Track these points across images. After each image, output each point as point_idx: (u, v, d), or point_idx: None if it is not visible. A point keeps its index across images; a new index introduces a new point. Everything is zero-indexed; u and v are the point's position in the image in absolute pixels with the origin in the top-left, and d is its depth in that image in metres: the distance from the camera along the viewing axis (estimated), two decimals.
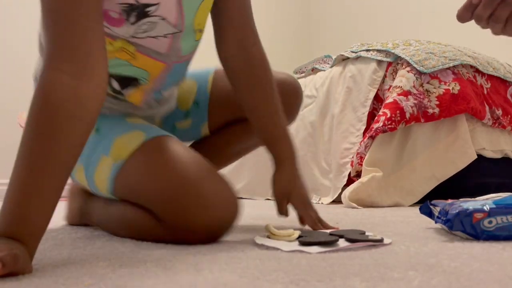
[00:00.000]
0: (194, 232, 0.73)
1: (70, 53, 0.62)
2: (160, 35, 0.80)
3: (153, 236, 0.78)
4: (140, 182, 0.78)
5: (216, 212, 0.73)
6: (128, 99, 0.88)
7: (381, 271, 0.52)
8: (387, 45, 1.91)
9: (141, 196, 0.79)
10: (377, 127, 1.68)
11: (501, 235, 0.73)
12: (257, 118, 0.90)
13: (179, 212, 0.73)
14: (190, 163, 0.76)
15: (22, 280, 0.51)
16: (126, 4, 0.75)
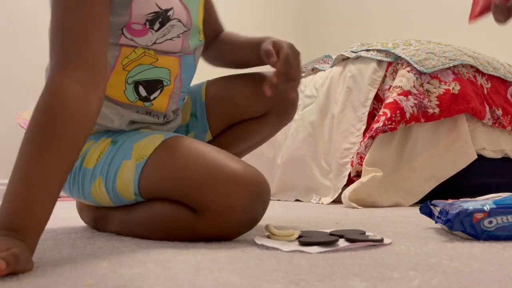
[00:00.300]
0: (234, 212, 0.73)
1: (80, 63, 0.66)
2: (175, 35, 0.86)
3: (189, 231, 0.77)
4: (168, 175, 0.78)
5: (252, 189, 0.74)
6: (155, 106, 0.90)
7: (381, 271, 0.52)
8: (387, 45, 1.91)
9: (171, 189, 0.78)
10: (377, 127, 1.68)
11: (501, 235, 0.73)
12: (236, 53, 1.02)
13: (217, 194, 0.73)
14: (215, 151, 0.79)
15: (22, 279, 0.51)
16: (152, 13, 0.81)
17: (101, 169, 0.84)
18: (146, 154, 0.81)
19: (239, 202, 0.73)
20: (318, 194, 1.94)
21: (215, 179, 0.74)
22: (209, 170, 0.75)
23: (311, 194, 1.99)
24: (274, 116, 1.05)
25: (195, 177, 0.75)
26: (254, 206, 0.74)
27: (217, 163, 0.76)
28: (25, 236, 0.57)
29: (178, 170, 0.77)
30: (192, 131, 1.04)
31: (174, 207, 0.79)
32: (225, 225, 0.74)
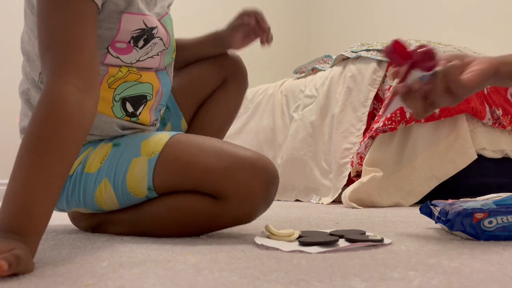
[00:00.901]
0: (255, 196, 0.78)
1: (77, 69, 0.68)
2: (155, 54, 0.91)
3: (211, 219, 0.80)
4: (182, 166, 0.81)
5: (267, 174, 0.79)
6: (140, 120, 0.93)
7: (381, 271, 0.52)
8: None
9: (187, 179, 0.81)
10: (377, 127, 1.68)
11: (501, 235, 0.73)
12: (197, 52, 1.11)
13: (238, 181, 0.78)
14: (220, 142, 0.84)
15: (22, 280, 0.51)
16: (139, 29, 0.84)
17: (106, 171, 0.85)
18: (158, 149, 0.83)
19: (258, 187, 0.78)
20: (318, 194, 1.94)
21: (233, 166, 0.78)
22: (224, 158, 0.79)
23: (311, 194, 1.99)
24: (232, 81, 1.11)
25: (212, 166, 0.79)
26: (270, 190, 0.79)
27: (229, 151, 0.80)
28: (26, 237, 0.57)
29: (192, 161, 0.81)
30: (168, 122, 1.08)
31: (193, 197, 0.81)
32: (247, 209, 0.79)
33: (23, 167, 0.61)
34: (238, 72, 1.13)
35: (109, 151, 0.86)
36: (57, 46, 0.69)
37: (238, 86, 1.13)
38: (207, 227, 0.83)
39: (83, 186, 0.86)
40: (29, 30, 0.85)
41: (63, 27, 0.70)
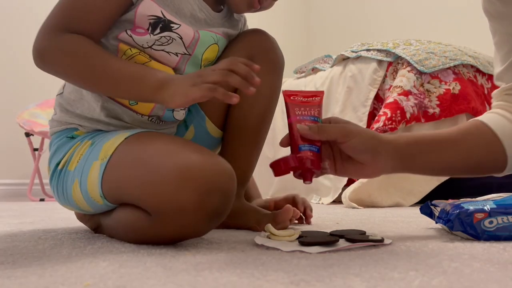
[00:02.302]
0: (184, 210, 0.67)
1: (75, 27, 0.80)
2: (173, 52, 0.87)
3: (144, 235, 0.74)
4: (123, 175, 0.75)
5: (200, 181, 0.67)
6: (139, 106, 0.89)
7: (381, 271, 0.52)
8: (388, 44, 1.91)
9: (126, 190, 0.75)
10: (377, 127, 1.68)
11: (501, 235, 0.73)
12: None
13: (162, 194, 0.68)
14: (171, 144, 0.74)
15: (22, 280, 0.51)
16: (154, 16, 0.84)
17: (77, 171, 0.83)
18: (109, 153, 0.78)
19: (188, 198, 0.66)
20: (319, 194, 1.94)
21: (158, 177, 0.68)
22: (150, 168, 0.70)
23: (311, 194, 1.99)
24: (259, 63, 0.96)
25: (141, 178, 0.71)
26: (207, 199, 0.67)
27: (161, 159, 0.70)
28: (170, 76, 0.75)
29: (130, 169, 0.74)
30: (191, 124, 1.00)
31: (131, 211, 0.75)
32: (179, 225, 0.69)
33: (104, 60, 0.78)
34: (265, 50, 0.96)
35: (86, 150, 0.84)
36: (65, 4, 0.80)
37: (268, 66, 0.96)
38: (147, 242, 0.74)
39: (65, 183, 0.86)
40: None
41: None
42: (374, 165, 0.75)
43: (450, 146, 0.80)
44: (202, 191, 0.67)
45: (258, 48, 0.95)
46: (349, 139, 0.73)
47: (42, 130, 2.49)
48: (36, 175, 2.63)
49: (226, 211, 0.71)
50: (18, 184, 2.84)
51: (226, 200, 0.70)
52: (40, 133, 2.50)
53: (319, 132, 0.73)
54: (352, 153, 0.74)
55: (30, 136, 2.61)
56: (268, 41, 0.97)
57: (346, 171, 0.77)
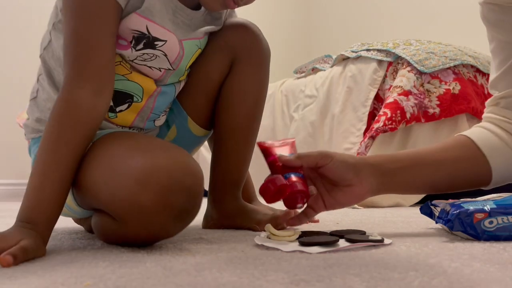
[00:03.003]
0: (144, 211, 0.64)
1: (91, 73, 0.73)
2: (156, 67, 0.85)
3: (115, 238, 0.72)
4: (89, 180, 0.71)
5: (161, 180, 0.64)
6: (118, 119, 0.86)
7: (381, 271, 0.52)
8: (388, 44, 1.91)
9: (92, 195, 0.72)
10: (377, 127, 1.68)
11: (501, 235, 0.73)
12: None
13: (120, 196, 0.65)
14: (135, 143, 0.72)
15: (22, 280, 0.51)
16: (138, 31, 0.80)
17: None
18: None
19: (149, 199, 0.64)
20: None
21: (118, 180, 0.66)
22: (112, 171, 0.68)
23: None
24: (244, 57, 0.93)
25: (103, 181, 0.68)
26: (170, 199, 0.64)
27: (123, 161, 0.68)
28: (37, 226, 0.65)
29: (95, 173, 0.71)
30: (173, 125, 0.97)
31: (99, 215, 0.73)
32: (144, 227, 0.66)
33: (40, 164, 0.69)
34: (248, 46, 0.92)
35: None
36: (75, 50, 0.74)
37: (254, 63, 0.93)
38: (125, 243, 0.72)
39: None
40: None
41: (84, 30, 0.74)
42: (359, 184, 0.77)
43: (433, 162, 0.81)
44: (163, 192, 0.64)
45: (240, 45, 0.92)
46: (328, 161, 0.76)
47: None
48: None
49: (194, 209, 0.68)
50: (18, 184, 2.84)
51: (191, 199, 0.67)
52: None
53: (300, 158, 0.76)
54: (334, 175, 0.76)
55: None
56: (250, 35, 0.93)
57: (335, 201, 0.79)
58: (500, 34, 0.86)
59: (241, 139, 0.96)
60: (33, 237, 0.63)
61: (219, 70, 0.93)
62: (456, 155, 0.81)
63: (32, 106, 0.90)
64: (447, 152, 0.82)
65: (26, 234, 0.63)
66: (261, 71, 0.95)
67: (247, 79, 0.93)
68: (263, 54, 0.94)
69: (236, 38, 0.92)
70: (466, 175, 0.82)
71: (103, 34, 0.75)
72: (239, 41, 0.92)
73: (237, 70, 0.93)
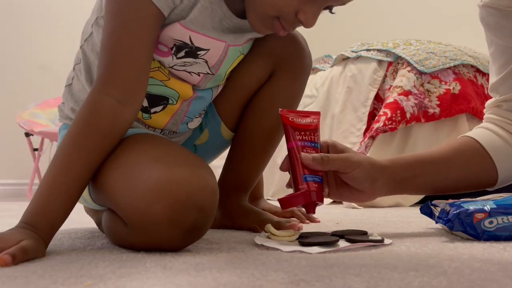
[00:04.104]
0: (157, 223, 0.64)
1: (120, 81, 0.71)
2: (195, 72, 0.84)
3: (125, 241, 0.72)
4: (108, 180, 0.71)
5: (177, 196, 0.64)
6: (152, 120, 0.86)
7: (381, 271, 0.52)
8: (388, 44, 1.91)
9: (108, 195, 0.72)
10: (377, 127, 1.68)
11: (501, 235, 0.73)
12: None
13: (135, 205, 0.65)
14: (156, 152, 0.71)
15: (22, 280, 0.51)
16: (181, 41, 0.78)
17: None
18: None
19: (161, 212, 0.63)
20: None
21: (134, 188, 0.66)
22: (131, 177, 0.67)
23: None
24: (283, 68, 0.92)
25: (121, 186, 0.68)
26: (182, 215, 0.64)
27: (140, 167, 0.67)
28: (39, 230, 0.65)
29: (114, 174, 0.70)
30: (206, 128, 0.97)
31: (111, 214, 0.73)
32: (153, 238, 0.66)
33: (53, 167, 0.69)
34: (291, 56, 0.91)
35: None
36: (110, 55, 0.72)
37: (292, 73, 0.92)
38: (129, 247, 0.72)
39: None
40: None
41: (122, 37, 0.72)
42: (371, 193, 0.79)
43: (443, 167, 0.82)
44: (176, 207, 0.64)
45: (285, 55, 0.91)
46: (351, 170, 0.75)
47: (42, 130, 2.49)
48: (36, 175, 2.62)
49: (204, 226, 0.68)
50: (18, 184, 2.84)
51: (204, 216, 0.66)
52: (40, 133, 2.50)
53: (323, 164, 0.74)
54: (352, 183, 0.77)
55: (30, 136, 2.61)
56: (297, 46, 0.93)
57: (340, 195, 0.80)
58: (499, 38, 0.86)
59: (260, 147, 0.96)
60: (34, 238, 0.64)
61: (258, 77, 0.93)
62: (466, 159, 0.83)
63: (66, 93, 0.90)
64: (457, 156, 0.83)
65: (27, 235, 0.63)
66: (299, 85, 0.95)
67: (283, 90, 0.93)
68: (305, 67, 0.94)
69: (281, 47, 0.91)
70: (474, 178, 0.84)
71: (141, 42, 0.72)
72: (284, 51, 0.91)
73: (275, 80, 0.93)
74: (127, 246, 0.72)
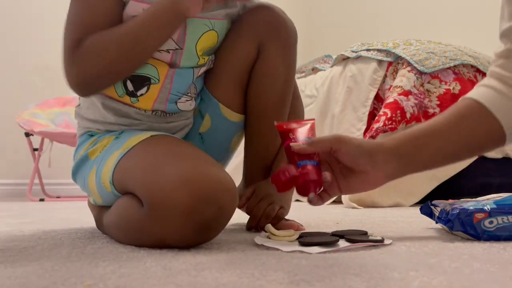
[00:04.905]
0: (177, 210, 0.67)
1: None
2: (163, 49, 0.86)
3: (138, 228, 0.73)
4: (131, 165, 0.78)
5: (199, 189, 0.67)
6: (141, 103, 0.89)
7: (381, 271, 0.52)
8: (388, 44, 1.91)
9: (131, 176, 0.76)
10: (377, 127, 1.68)
11: (501, 235, 0.73)
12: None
13: (160, 189, 0.68)
14: (183, 149, 0.77)
15: (22, 280, 0.51)
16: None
17: (97, 160, 0.86)
18: (131, 145, 0.81)
19: (183, 200, 0.66)
20: None
21: (161, 172, 0.70)
22: (157, 163, 0.72)
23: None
24: (270, 42, 0.92)
25: (146, 169, 0.73)
26: (202, 207, 0.67)
27: (171, 159, 0.72)
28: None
29: (141, 161, 0.77)
30: (206, 114, 0.97)
31: (128, 197, 0.77)
32: (171, 224, 0.68)
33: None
34: (275, 28, 0.91)
35: (109, 142, 0.86)
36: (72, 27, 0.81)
37: (281, 45, 0.92)
38: (138, 238, 0.74)
39: (84, 170, 0.89)
40: None
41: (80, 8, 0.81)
42: (374, 171, 0.74)
43: (449, 135, 0.77)
44: (196, 199, 0.66)
45: (267, 27, 0.91)
46: (343, 145, 0.73)
47: (42, 130, 2.49)
48: (36, 175, 2.62)
49: (218, 227, 0.70)
50: (18, 184, 2.84)
51: (221, 216, 0.69)
52: (40, 133, 2.50)
53: (313, 144, 0.73)
54: (348, 161, 0.74)
55: (30, 136, 2.61)
56: (275, 17, 0.92)
57: (350, 186, 0.76)
58: None
59: (271, 120, 0.94)
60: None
61: (246, 55, 0.93)
62: (470, 123, 0.77)
63: (77, 111, 0.96)
64: (460, 122, 0.77)
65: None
66: (290, 52, 0.94)
67: (275, 61, 0.93)
68: (290, 34, 0.93)
69: (260, 21, 0.91)
70: (482, 140, 0.78)
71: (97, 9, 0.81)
72: (264, 24, 0.91)
73: (265, 54, 0.92)
74: (135, 234, 0.74)
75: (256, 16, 0.92)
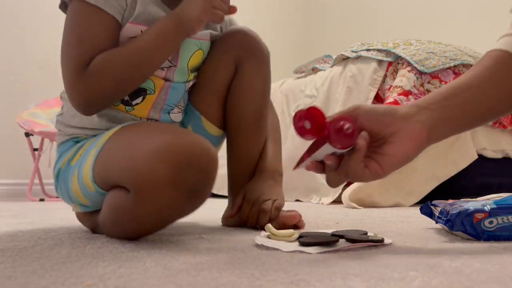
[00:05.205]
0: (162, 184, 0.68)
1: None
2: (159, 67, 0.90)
3: (129, 214, 0.75)
4: (109, 157, 0.79)
5: (179, 157, 0.69)
6: (136, 111, 0.92)
7: (381, 271, 0.52)
8: (388, 44, 1.91)
9: (112, 168, 0.78)
10: None
11: (502, 235, 0.73)
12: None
13: (141, 168, 0.70)
14: (156, 126, 0.81)
15: (22, 280, 0.51)
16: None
17: (77, 163, 0.87)
18: (104, 141, 0.83)
19: (163, 173, 0.68)
20: (318, 194, 1.94)
21: (138, 153, 0.71)
22: (133, 147, 0.74)
23: (311, 194, 1.99)
24: (247, 60, 0.99)
25: (124, 156, 0.75)
26: (184, 173, 0.68)
27: (143, 139, 0.74)
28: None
29: (117, 151, 0.79)
30: (188, 125, 1.02)
31: (113, 191, 0.78)
32: (156, 201, 0.70)
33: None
34: (250, 48, 0.99)
35: (89, 144, 0.88)
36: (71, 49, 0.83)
37: (257, 63, 1.00)
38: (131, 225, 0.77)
39: (67, 178, 0.90)
40: None
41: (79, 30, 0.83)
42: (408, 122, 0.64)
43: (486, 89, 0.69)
44: (177, 167, 0.68)
45: (242, 47, 0.99)
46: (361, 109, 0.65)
47: (42, 130, 2.49)
48: (36, 175, 2.62)
49: (205, 189, 0.72)
50: (18, 184, 2.84)
51: (205, 178, 0.71)
52: (40, 133, 2.50)
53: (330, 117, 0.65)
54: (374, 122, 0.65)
55: (30, 136, 2.61)
56: (250, 38, 1.00)
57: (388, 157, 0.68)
58: None
59: (250, 135, 1.01)
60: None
61: (225, 71, 0.99)
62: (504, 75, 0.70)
63: (60, 119, 0.97)
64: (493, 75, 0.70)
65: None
66: (264, 69, 1.01)
67: (251, 77, 1.00)
68: (263, 53, 1.01)
69: (237, 41, 0.99)
70: None
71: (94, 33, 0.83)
72: (240, 44, 0.99)
73: (242, 70, 0.99)
74: (129, 221, 0.75)
75: (234, 37, 0.99)
